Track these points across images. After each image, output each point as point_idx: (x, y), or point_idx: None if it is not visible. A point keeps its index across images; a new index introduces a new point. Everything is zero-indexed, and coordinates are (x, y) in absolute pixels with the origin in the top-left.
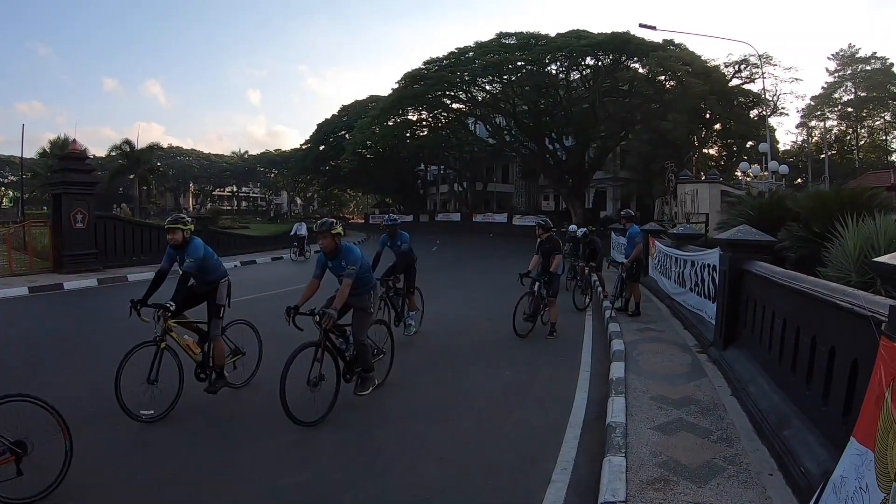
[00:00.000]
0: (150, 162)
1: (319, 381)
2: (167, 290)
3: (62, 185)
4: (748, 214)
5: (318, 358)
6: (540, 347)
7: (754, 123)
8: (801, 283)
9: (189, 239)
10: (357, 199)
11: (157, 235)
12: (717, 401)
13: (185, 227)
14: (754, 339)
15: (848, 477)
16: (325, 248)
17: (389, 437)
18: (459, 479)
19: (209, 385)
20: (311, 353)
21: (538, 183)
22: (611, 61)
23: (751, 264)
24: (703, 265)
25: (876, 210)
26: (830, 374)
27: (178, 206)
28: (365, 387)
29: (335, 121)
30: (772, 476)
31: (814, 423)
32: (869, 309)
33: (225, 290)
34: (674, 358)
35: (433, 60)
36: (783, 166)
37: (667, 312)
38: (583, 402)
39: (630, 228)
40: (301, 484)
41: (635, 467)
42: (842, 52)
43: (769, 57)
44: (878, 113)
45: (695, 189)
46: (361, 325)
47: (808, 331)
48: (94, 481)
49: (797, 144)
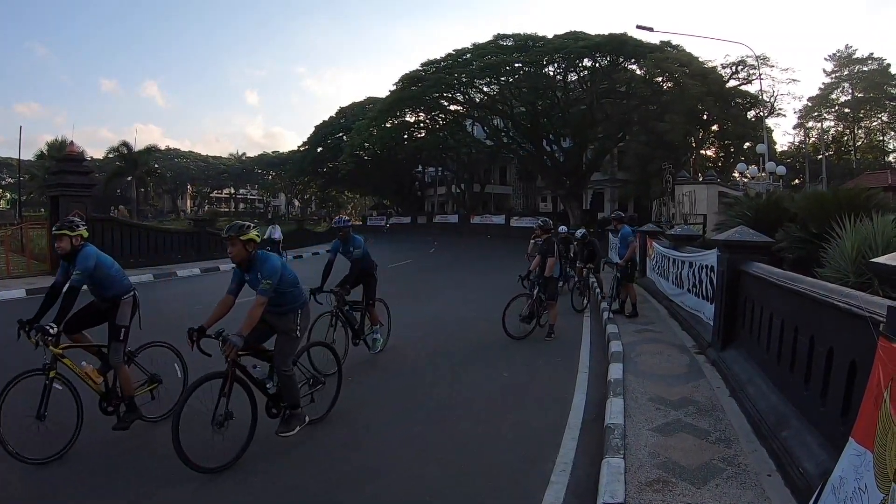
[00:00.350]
0: (148, 164)
1: (226, 419)
2: None
3: (60, 187)
4: (746, 215)
5: (224, 392)
6: (538, 349)
7: (752, 124)
8: (798, 284)
9: (80, 247)
10: (355, 201)
11: (155, 238)
12: (715, 402)
13: (72, 234)
14: (752, 339)
15: (847, 477)
16: (234, 259)
17: (388, 437)
18: (458, 480)
19: (118, 420)
20: (218, 385)
21: (536, 184)
22: (608, 63)
23: (748, 265)
24: (700, 266)
25: (873, 210)
26: (829, 375)
27: (176, 208)
28: (290, 426)
29: (333, 122)
30: (770, 477)
31: (812, 423)
32: (867, 309)
33: (129, 309)
34: (672, 359)
35: (431, 62)
36: (780, 167)
37: (665, 313)
38: (581, 404)
39: (622, 229)
40: (299, 485)
41: (634, 469)
42: (839, 53)
43: (766, 58)
44: (875, 114)
45: (692, 190)
46: (284, 351)
47: (806, 331)
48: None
49: (794, 145)
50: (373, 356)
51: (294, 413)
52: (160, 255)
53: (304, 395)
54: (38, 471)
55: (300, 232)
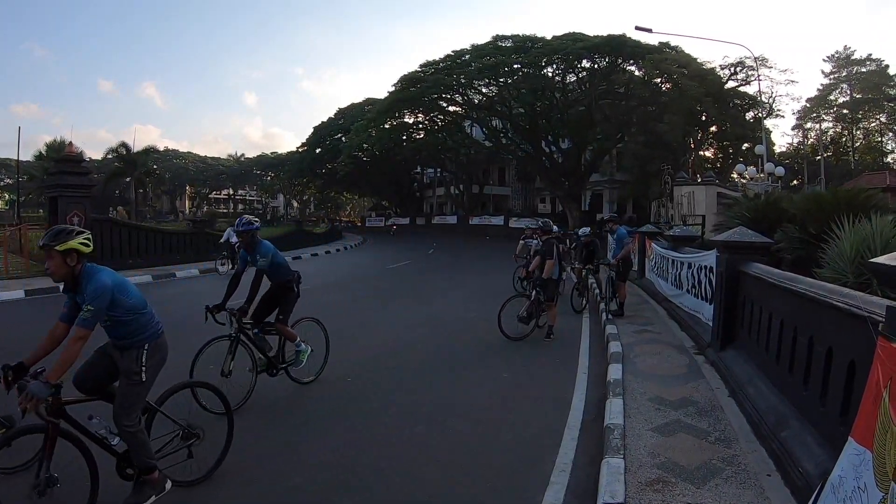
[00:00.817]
0: (147, 165)
1: (48, 486)
2: None
3: (58, 188)
4: (744, 216)
5: (45, 453)
6: (537, 349)
7: (750, 125)
8: (797, 284)
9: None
10: (354, 202)
11: (153, 239)
12: (714, 402)
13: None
14: (752, 340)
15: (846, 477)
16: (52, 276)
17: (389, 438)
18: (458, 481)
19: None
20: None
21: (535, 185)
22: (607, 64)
23: (747, 266)
24: (699, 267)
25: (872, 211)
26: (828, 375)
27: (175, 209)
28: (141, 496)
29: (331, 123)
30: (770, 477)
31: (812, 423)
32: (866, 309)
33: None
34: (671, 359)
35: (429, 63)
36: (779, 168)
37: (664, 314)
38: (580, 404)
39: (618, 230)
40: (299, 486)
41: (634, 469)
42: (837, 54)
43: (765, 59)
44: (873, 115)
45: (691, 191)
46: (125, 401)
47: (805, 332)
48: None
49: (793, 146)
50: (370, 358)
51: (147, 479)
52: (159, 256)
53: (175, 450)
54: None
55: (299, 233)
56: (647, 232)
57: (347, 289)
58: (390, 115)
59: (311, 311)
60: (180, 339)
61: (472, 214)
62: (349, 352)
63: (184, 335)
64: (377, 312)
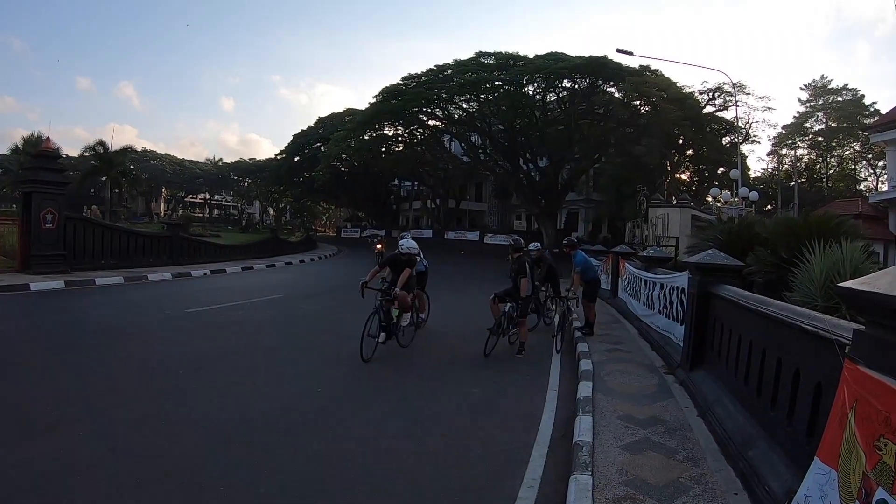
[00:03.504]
0: (124, 165)
1: None
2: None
3: (33, 184)
4: (718, 239)
5: None
6: (508, 366)
7: (726, 150)
8: (767, 307)
9: None
10: (330, 212)
11: (127, 239)
12: (683, 421)
13: None
14: (721, 361)
15: (812, 496)
16: None
17: (356, 453)
18: (426, 496)
19: None
20: None
21: (511, 202)
22: (587, 85)
23: (719, 288)
24: (671, 288)
25: (843, 237)
26: (795, 396)
27: (150, 211)
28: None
29: (311, 132)
30: (737, 496)
31: (778, 443)
32: (834, 333)
33: None
34: (641, 378)
35: (412, 76)
36: (753, 192)
37: (635, 333)
38: (550, 421)
39: (575, 256)
40: (267, 493)
41: (602, 485)
42: (814, 83)
43: (743, 85)
44: (847, 143)
45: (666, 213)
46: None
47: (773, 353)
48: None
49: (768, 172)
50: (340, 370)
51: None
52: (131, 257)
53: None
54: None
55: (274, 241)
56: (621, 252)
57: (321, 299)
58: (370, 127)
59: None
60: None
61: (448, 229)
62: (320, 363)
63: None
64: (349, 324)
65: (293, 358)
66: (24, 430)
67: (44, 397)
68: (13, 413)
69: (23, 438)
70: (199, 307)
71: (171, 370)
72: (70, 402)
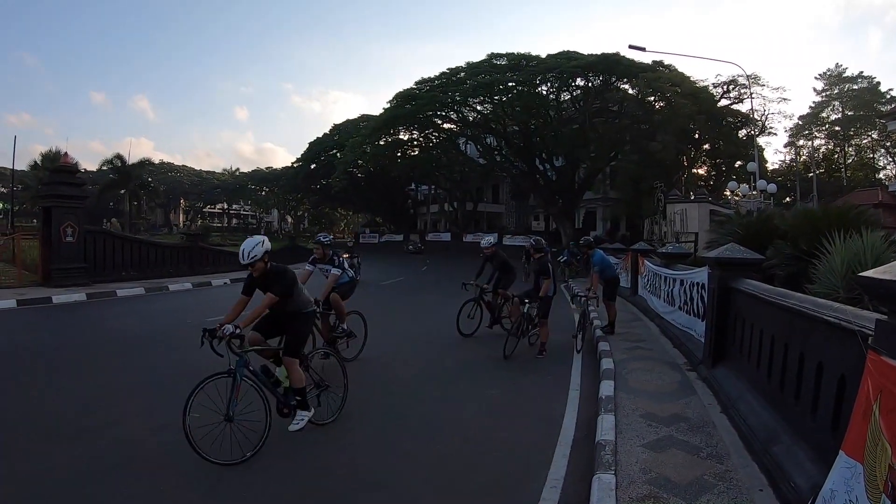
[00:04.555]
0: (142, 177)
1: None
2: None
3: (52, 198)
4: (736, 233)
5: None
6: (528, 367)
7: (742, 143)
8: (788, 300)
9: None
10: (347, 218)
11: (147, 251)
12: (706, 418)
13: None
14: (743, 356)
15: (837, 490)
16: None
17: (378, 455)
18: (448, 498)
19: None
20: None
21: (528, 203)
22: (601, 82)
23: (739, 282)
24: (692, 284)
25: (863, 227)
26: (818, 390)
27: (169, 222)
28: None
29: (327, 139)
30: (762, 492)
31: (803, 438)
32: (856, 324)
33: None
34: (663, 376)
35: (425, 80)
36: (771, 185)
37: (656, 331)
38: (572, 421)
39: (592, 255)
40: (279, 494)
41: (625, 484)
42: (829, 72)
43: (757, 77)
44: (865, 131)
45: (684, 209)
46: None
47: (796, 347)
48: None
49: (785, 163)
50: (361, 373)
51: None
52: (152, 268)
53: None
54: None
55: (293, 248)
56: (640, 249)
57: None
58: (385, 132)
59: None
60: None
61: (466, 232)
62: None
63: None
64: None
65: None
66: (50, 437)
67: (69, 405)
68: (40, 420)
69: (50, 444)
70: (221, 315)
71: (198, 377)
72: (95, 410)
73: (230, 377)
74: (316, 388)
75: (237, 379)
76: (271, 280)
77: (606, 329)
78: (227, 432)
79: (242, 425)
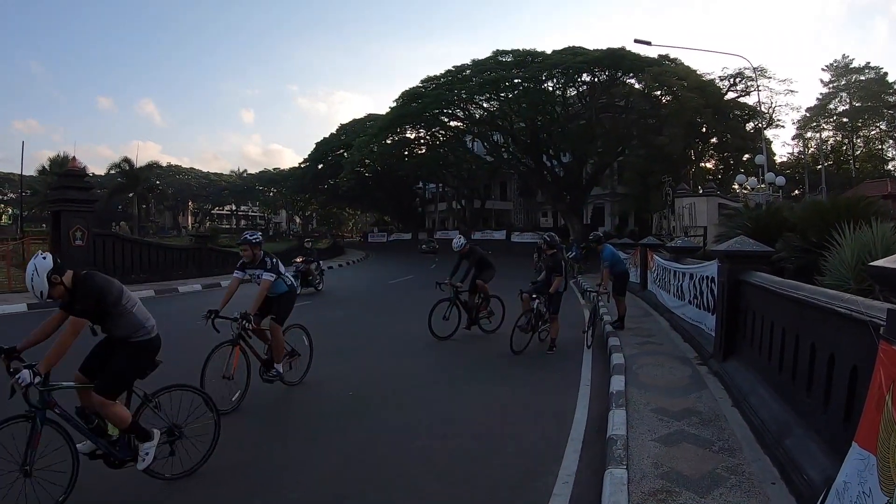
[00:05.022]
0: (150, 180)
1: None
2: None
3: (61, 203)
4: (745, 226)
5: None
6: (539, 363)
7: (750, 136)
8: (799, 292)
9: None
10: (356, 218)
11: (156, 253)
12: (718, 412)
13: None
14: (754, 349)
15: (851, 482)
16: None
17: (391, 451)
18: (460, 495)
19: None
20: None
21: (536, 200)
22: (607, 77)
23: (749, 275)
24: (701, 277)
25: (872, 218)
26: (830, 381)
27: (177, 225)
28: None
29: (334, 139)
30: (774, 485)
31: (815, 430)
32: (867, 314)
33: None
34: (674, 370)
35: (430, 78)
36: (780, 178)
37: (666, 326)
38: (583, 417)
39: (602, 251)
40: (299, 499)
41: (637, 479)
42: (836, 63)
43: (764, 70)
44: (873, 122)
45: (692, 203)
46: None
47: (807, 339)
48: None
49: (794, 156)
50: (372, 372)
51: None
52: (161, 270)
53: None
54: None
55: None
56: (649, 244)
57: (350, 304)
58: (392, 131)
59: (317, 325)
60: None
61: (474, 229)
62: (352, 366)
63: None
64: (380, 327)
65: (327, 363)
66: None
67: None
68: None
69: None
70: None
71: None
72: None
73: (28, 421)
74: (167, 435)
75: (37, 425)
76: (76, 295)
77: (616, 324)
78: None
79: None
